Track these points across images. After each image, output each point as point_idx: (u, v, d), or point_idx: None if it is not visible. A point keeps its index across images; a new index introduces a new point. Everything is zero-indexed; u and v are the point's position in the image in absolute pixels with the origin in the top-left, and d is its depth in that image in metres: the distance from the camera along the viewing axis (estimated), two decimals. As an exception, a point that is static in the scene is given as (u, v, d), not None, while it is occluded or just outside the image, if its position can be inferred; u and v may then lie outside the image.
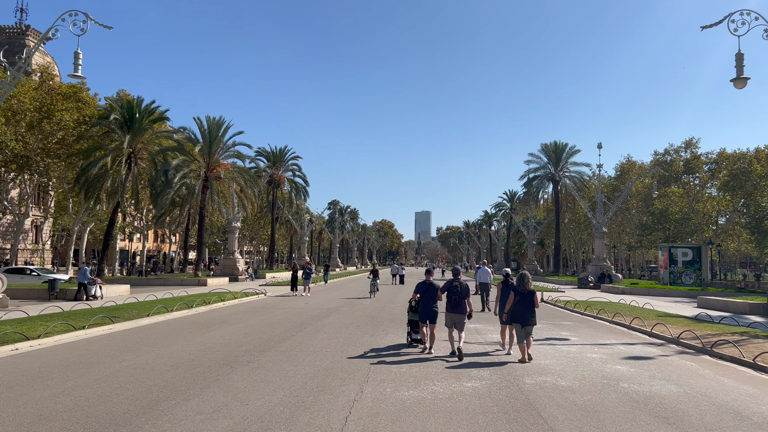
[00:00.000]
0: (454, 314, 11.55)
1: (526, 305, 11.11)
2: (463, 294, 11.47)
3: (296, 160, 69.40)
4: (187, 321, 17.10)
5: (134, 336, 13.67)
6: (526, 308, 11.09)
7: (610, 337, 15.10)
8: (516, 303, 11.20)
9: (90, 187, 43.08)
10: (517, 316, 11.10)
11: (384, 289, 37.13)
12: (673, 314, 21.21)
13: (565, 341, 14.06)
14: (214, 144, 44.67)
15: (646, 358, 11.73)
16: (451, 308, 11.58)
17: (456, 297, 11.46)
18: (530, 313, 11.07)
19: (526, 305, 11.12)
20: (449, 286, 11.57)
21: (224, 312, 20.07)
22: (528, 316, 11.03)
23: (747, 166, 53.60)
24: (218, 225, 64.54)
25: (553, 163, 66.31)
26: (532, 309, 11.15)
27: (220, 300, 23.30)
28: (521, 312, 11.06)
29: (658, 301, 28.51)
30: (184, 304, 20.54)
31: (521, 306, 11.11)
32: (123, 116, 43.81)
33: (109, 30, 20.68)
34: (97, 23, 20.14)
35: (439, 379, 9.12)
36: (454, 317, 11.55)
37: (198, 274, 44.29)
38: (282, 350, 11.70)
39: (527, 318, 11.02)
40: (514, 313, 11.16)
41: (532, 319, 11.07)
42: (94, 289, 25.76)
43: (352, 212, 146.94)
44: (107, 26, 20.53)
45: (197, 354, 11.10)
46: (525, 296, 11.21)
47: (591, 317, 20.35)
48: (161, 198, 42.80)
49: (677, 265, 44.65)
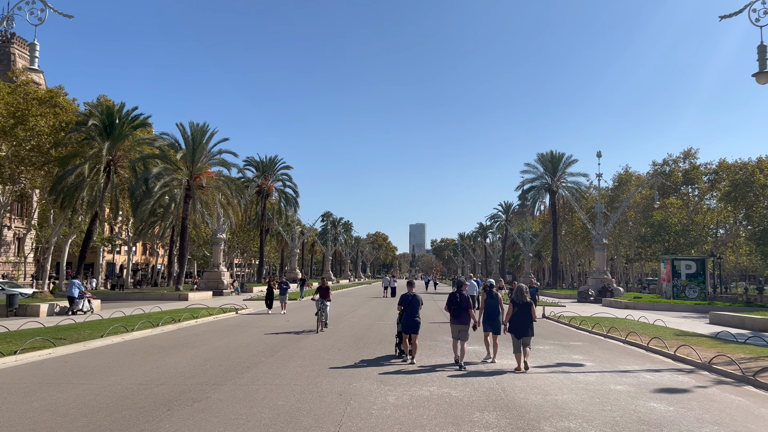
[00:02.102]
0: (458, 325, 11.69)
1: (523, 317, 11.37)
2: (464, 305, 11.72)
3: (286, 170, 67.41)
4: (145, 343, 14.99)
5: (72, 363, 11.56)
6: (523, 320, 11.34)
7: (630, 361, 13.13)
8: (514, 315, 11.46)
9: (66, 197, 40.90)
10: (514, 328, 11.36)
11: (375, 303, 35.06)
12: (689, 332, 19.30)
13: (580, 367, 12.08)
14: (197, 151, 42.63)
15: (681, 391, 9.77)
16: (454, 319, 11.78)
17: (456, 308, 11.71)
18: (527, 325, 11.32)
19: (524, 317, 11.37)
20: (451, 297, 11.87)
21: (192, 331, 17.95)
22: (525, 327, 11.29)
23: (749, 176, 52.15)
24: (205, 237, 62.29)
25: (549, 173, 64.67)
26: (530, 320, 11.39)
27: (192, 317, 21.17)
28: (518, 323, 11.32)
29: (665, 317, 26.62)
30: (148, 322, 18.40)
31: (519, 318, 11.37)
32: (102, 122, 41.77)
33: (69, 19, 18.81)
34: (55, 11, 18.22)
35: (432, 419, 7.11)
36: (458, 328, 11.69)
37: (179, 288, 42.00)
38: (242, 383, 9.64)
39: (525, 329, 11.27)
40: (512, 324, 11.42)
41: (529, 330, 11.32)
42: (83, 303, 25.18)
43: (346, 224, 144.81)
44: (67, 15, 18.62)
45: (135, 389, 9.03)
46: (522, 308, 11.47)
47: (601, 336, 18.40)
48: (141, 208, 40.65)
49: (680, 278, 42.85)
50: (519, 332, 11.22)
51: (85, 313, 24.54)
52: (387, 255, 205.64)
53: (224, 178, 45.73)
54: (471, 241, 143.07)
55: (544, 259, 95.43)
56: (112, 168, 42.35)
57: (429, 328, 19.07)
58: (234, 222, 48.48)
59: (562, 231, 72.22)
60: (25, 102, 40.09)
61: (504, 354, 13.16)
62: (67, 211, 43.09)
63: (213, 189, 44.95)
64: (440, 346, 14.97)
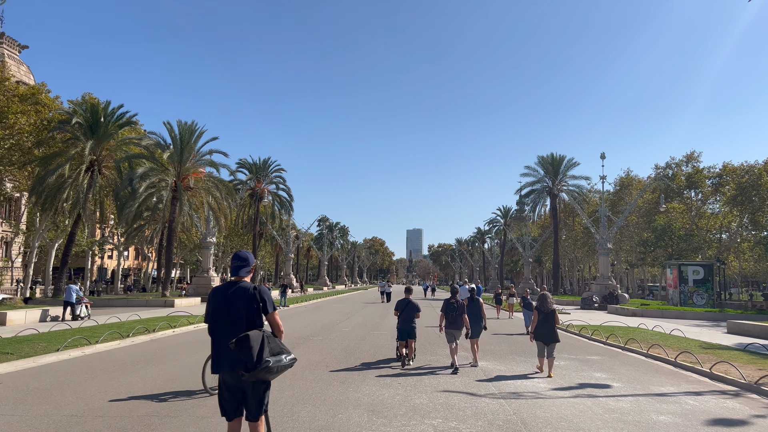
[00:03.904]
0: (453, 330, 12.05)
1: (548, 324, 11.73)
2: (459, 311, 12.08)
3: (280, 172, 65.53)
4: (106, 358, 13.17)
5: (6, 386, 9.72)
6: (548, 326, 11.70)
7: (662, 381, 11.38)
8: (539, 322, 11.80)
9: (48, 198, 39.04)
10: (540, 335, 11.74)
11: (370, 310, 33.28)
12: (714, 344, 17.58)
13: (607, 389, 10.32)
14: (185, 150, 40.78)
15: (739, 423, 8.03)
16: (449, 324, 12.10)
17: (453, 314, 12.07)
18: (552, 330, 11.69)
19: (548, 324, 11.73)
20: (447, 304, 12.19)
21: (166, 343, 16.12)
22: (550, 333, 11.65)
23: (756, 179, 50.58)
24: (196, 240, 60.37)
25: (550, 176, 63.02)
26: (554, 327, 11.76)
27: (170, 326, 19.33)
28: (544, 331, 11.69)
29: (678, 325, 24.91)
30: (117, 333, 16.56)
31: (544, 325, 11.73)
32: (86, 120, 39.91)
33: None
34: None
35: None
36: (453, 333, 12.04)
37: (165, 294, 40.10)
38: (201, 414, 7.84)
39: (551, 335, 11.62)
40: (537, 332, 11.80)
41: (554, 335, 11.64)
42: (80, 309, 24.69)
43: (342, 229, 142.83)
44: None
45: (62, 425, 7.22)
46: (547, 316, 11.81)
47: (618, 348, 16.65)
48: (126, 210, 38.78)
49: (688, 284, 41.26)
50: (547, 339, 11.64)
51: (82, 319, 23.96)
52: (384, 260, 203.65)
53: (214, 180, 43.89)
54: (469, 246, 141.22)
55: (545, 264, 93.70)
56: (95, 168, 40.50)
57: (426, 333, 17.31)
58: (224, 225, 46.58)
59: (563, 236, 70.58)
60: (6, 99, 38.27)
61: (486, 358, 11.42)
62: (49, 213, 41.21)
63: (202, 190, 43.09)
64: (440, 359, 13.22)
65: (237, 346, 4.62)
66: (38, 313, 24.04)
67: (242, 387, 4.85)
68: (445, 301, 12.29)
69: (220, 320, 4.98)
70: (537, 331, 11.75)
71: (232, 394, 4.88)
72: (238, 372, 4.73)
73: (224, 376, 4.89)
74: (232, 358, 4.75)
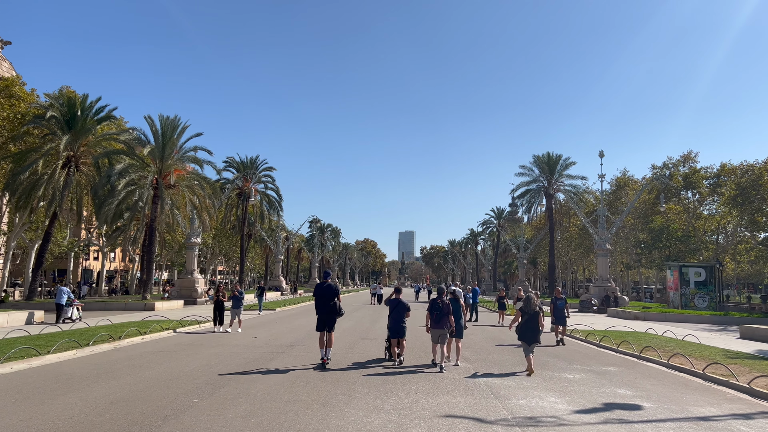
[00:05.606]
0: (437, 329, 12.24)
1: (532, 324, 11.98)
2: (444, 311, 12.27)
3: (269, 171, 63.71)
4: (52, 372, 11.38)
5: None
6: (532, 327, 11.96)
7: (698, 399, 9.78)
8: (525, 322, 12.06)
9: (22, 196, 37.03)
10: (524, 335, 11.98)
11: (361, 314, 31.57)
12: (734, 352, 16.10)
13: (638, 411, 8.71)
14: (167, 146, 38.88)
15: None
16: (435, 324, 12.26)
17: (438, 313, 12.26)
18: (536, 331, 11.94)
19: (532, 325, 11.97)
20: (432, 303, 12.39)
21: (129, 353, 14.34)
22: (534, 334, 11.91)
23: (756, 178, 49.44)
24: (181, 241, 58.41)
25: (546, 175, 61.60)
26: (537, 328, 11.98)
27: (139, 333, 17.53)
28: (527, 331, 11.96)
29: (686, 329, 23.51)
30: (74, 341, 14.76)
31: (528, 325, 11.98)
32: (63, 115, 37.99)
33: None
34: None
35: None
36: (438, 332, 12.23)
37: (146, 296, 38.17)
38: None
39: (534, 336, 11.90)
40: (521, 331, 12.04)
41: (537, 336, 11.92)
42: (71, 311, 24.39)
43: (334, 230, 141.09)
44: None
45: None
46: (532, 316, 12.05)
47: (633, 357, 15.09)
48: (104, 208, 36.83)
49: (689, 285, 39.94)
50: (530, 339, 11.87)
51: (73, 322, 23.44)
52: (376, 262, 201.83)
53: (197, 177, 41.98)
54: (462, 248, 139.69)
55: (540, 265, 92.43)
56: (73, 165, 38.54)
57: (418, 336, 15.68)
58: (209, 225, 44.70)
59: (558, 237, 69.22)
60: (-23, 92, 36.31)
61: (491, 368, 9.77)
62: (24, 211, 39.20)
63: (185, 188, 41.20)
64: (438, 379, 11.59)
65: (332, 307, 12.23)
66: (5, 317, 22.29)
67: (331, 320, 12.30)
68: (431, 300, 12.58)
69: (319, 300, 12.36)
70: (522, 331, 12.01)
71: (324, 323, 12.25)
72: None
73: (324, 316, 12.32)
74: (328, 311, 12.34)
